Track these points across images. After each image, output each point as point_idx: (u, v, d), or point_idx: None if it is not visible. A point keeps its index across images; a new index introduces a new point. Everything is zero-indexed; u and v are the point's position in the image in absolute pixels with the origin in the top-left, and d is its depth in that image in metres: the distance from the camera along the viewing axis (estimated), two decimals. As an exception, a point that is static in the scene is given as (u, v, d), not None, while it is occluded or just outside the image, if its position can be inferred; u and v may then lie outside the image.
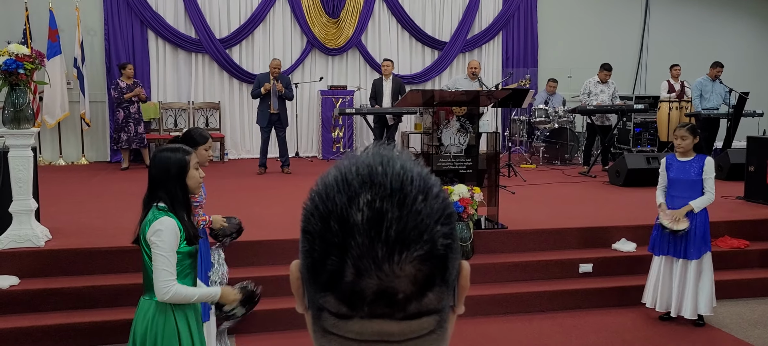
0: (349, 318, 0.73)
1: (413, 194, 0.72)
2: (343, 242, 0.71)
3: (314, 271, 0.74)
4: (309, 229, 0.74)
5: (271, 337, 5.09)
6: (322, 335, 0.76)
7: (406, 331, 0.74)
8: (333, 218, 0.72)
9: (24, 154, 5.34)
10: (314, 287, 0.75)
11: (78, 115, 11.03)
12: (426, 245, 0.72)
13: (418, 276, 0.72)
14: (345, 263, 0.71)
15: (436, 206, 0.73)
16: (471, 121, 6.43)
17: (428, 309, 0.74)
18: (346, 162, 0.77)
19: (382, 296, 0.71)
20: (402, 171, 0.74)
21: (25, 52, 5.15)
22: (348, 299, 0.72)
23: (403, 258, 0.70)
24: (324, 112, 11.97)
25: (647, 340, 5.11)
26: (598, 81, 10.70)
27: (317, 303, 0.75)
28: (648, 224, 6.51)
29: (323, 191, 0.75)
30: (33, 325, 4.83)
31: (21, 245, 5.33)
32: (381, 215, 0.70)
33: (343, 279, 0.71)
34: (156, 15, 11.48)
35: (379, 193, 0.72)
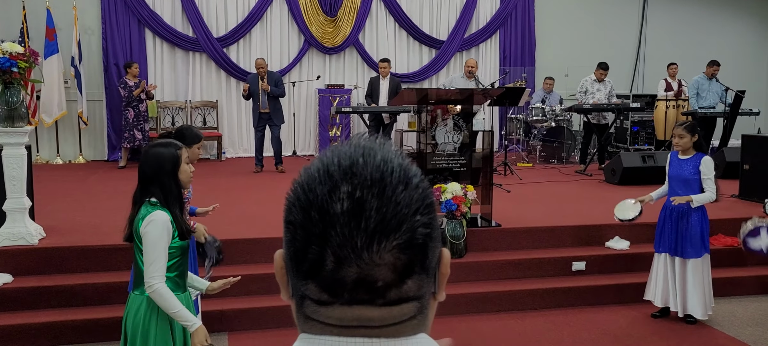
0: (329, 305, 0.75)
1: (393, 185, 0.74)
2: (323, 232, 0.73)
3: (296, 260, 0.77)
4: (291, 219, 0.77)
5: (264, 334, 5.10)
6: (305, 321, 0.79)
7: (387, 316, 0.76)
8: (314, 208, 0.74)
9: (18, 152, 5.36)
10: (296, 275, 0.77)
11: (75, 113, 11.05)
12: (405, 234, 0.74)
13: (397, 264, 0.74)
14: (325, 252, 0.73)
15: (415, 195, 0.76)
16: (465, 120, 6.44)
17: (408, 296, 0.76)
18: (328, 153, 0.79)
19: (361, 283, 0.73)
20: (382, 162, 0.76)
21: (19, 50, 5.16)
22: (329, 287, 0.74)
23: (383, 247, 0.73)
24: (321, 111, 11.98)
25: (639, 338, 5.13)
26: (595, 80, 10.72)
27: (299, 291, 0.78)
28: (642, 223, 6.51)
29: (305, 181, 0.77)
30: (26, 322, 4.84)
31: (15, 243, 5.35)
32: (361, 205, 0.73)
33: (324, 268, 0.74)
34: (153, 14, 11.49)
35: (359, 183, 0.73)
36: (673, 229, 5.19)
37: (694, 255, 5.15)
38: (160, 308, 3.06)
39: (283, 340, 5.00)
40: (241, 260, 5.63)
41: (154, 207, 3.03)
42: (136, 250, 3.07)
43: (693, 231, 5.13)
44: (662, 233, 5.29)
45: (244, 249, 5.68)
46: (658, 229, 5.34)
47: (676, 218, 5.19)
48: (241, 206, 7.24)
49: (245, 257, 5.66)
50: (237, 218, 6.58)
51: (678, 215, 5.19)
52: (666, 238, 5.24)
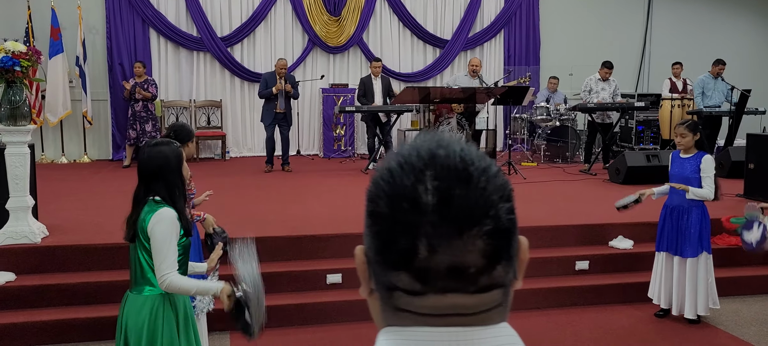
0: (422, 294, 0.77)
1: (477, 173, 0.76)
2: (413, 222, 0.74)
3: (384, 251, 0.77)
4: (377, 211, 0.78)
5: (266, 333, 5.07)
6: (393, 313, 0.80)
7: (479, 303, 0.78)
8: (401, 199, 0.75)
9: (21, 151, 5.37)
10: (384, 267, 0.78)
11: (80, 113, 11.07)
12: (493, 221, 0.76)
13: (487, 250, 0.76)
14: (417, 241, 0.74)
15: (498, 183, 0.78)
16: (469, 119, 6.43)
17: (497, 282, 0.78)
18: (406, 148, 0.81)
19: (454, 270, 0.75)
20: (462, 152, 0.78)
21: (22, 49, 5.18)
22: (422, 276, 0.76)
23: (474, 233, 0.74)
24: (325, 111, 11.97)
25: (642, 337, 5.11)
26: (599, 79, 10.69)
27: (388, 283, 0.79)
28: (646, 222, 6.52)
29: (388, 175, 0.78)
30: (29, 321, 4.86)
31: (17, 241, 5.36)
32: (449, 193, 0.74)
33: (416, 257, 0.75)
34: (158, 13, 11.51)
35: (444, 173, 0.76)
36: (673, 228, 5.18)
37: (692, 254, 5.12)
38: (166, 308, 3.07)
39: (285, 339, 5.00)
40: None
41: (160, 205, 3.04)
42: (140, 249, 3.06)
43: (692, 230, 5.11)
44: (662, 232, 5.28)
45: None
46: (659, 228, 5.33)
47: (676, 217, 5.18)
48: (246, 206, 7.24)
49: (248, 256, 5.65)
50: (240, 216, 6.58)
51: (678, 213, 5.17)
52: (666, 236, 5.23)
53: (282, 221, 6.44)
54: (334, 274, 5.54)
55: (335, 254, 5.82)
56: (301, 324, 5.23)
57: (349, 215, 6.68)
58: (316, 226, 6.19)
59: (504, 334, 0.80)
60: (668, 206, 5.26)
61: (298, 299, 5.34)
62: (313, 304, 5.30)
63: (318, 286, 5.52)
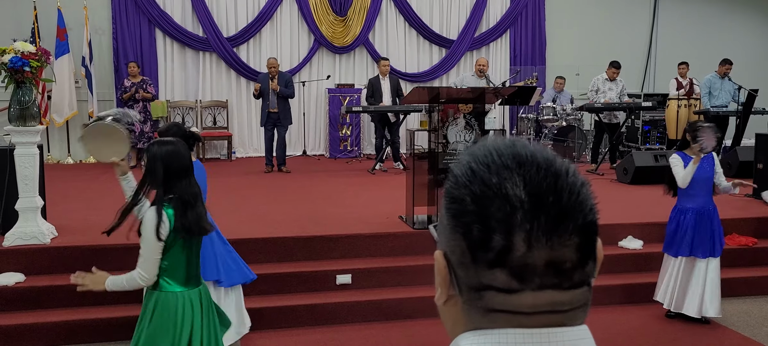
0: (519, 292, 0.76)
1: (563, 172, 0.78)
2: (508, 218, 0.74)
3: (476, 250, 0.76)
4: (464, 209, 0.77)
5: (276, 334, 5.09)
6: (483, 315, 0.79)
7: (573, 300, 0.78)
8: (492, 196, 0.75)
9: (30, 151, 5.37)
10: (476, 266, 0.77)
11: (86, 113, 11.08)
12: (584, 215, 0.77)
13: (581, 244, 0.77)
14: (513, 238, 0.74)
15: (580, 180, 0.79)
16: (477, 119, 6.41)
17: (587, 278, 0.80)
18: (480, 150, 0.80)
19: (551, 266, 0.75)
20: (541, 151, 0.79)
21: (31, 49, 5.17)
22: (518, 273, 0.75)
23: (570, 228, 0.75)
24: (331, 111, 11.97)
25: (653, 337, 5.09)
26: (607, 79, 10.66)
27: (479, 283, 0.78)
28: (655, 222, 6.50)
29: (470, 174, 0.78)
30: (39, 321, 4.85)
31: (27, 242, 5.35)
32: (541, 189, 0.75)
33: (514, 254, 0.74)
34: (164, 14, 11.51)
35: (532, 170, 0.76)
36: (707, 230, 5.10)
37: (719, 253, 5.13)
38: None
39: (296, 340, 4.99)
40: (253, 259, 5.61)
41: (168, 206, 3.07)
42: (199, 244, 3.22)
43: (719, 230, 5.11)
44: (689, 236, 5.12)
45: (254, 248, 5.67)
46: (683, 232, 5.15)
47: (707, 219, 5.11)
48: (252, 206, 7.24)
49: (257, 257, 5.64)
50: (247, 217, 6.57)
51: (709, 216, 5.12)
52: (694, 240, 5.11)
53: (290, 221, 6.43)
54: (343, 274, 5.53)
55: (345, 254, 5.81)
56: (311, 325, 5.22)
57: (357, 215, 6.67)
58: (325, 226, 6.17)
59: (586, 336, 0.80)
60: (696, 210, 5.13)
61: (308, 299, 5.32)
62: (323, 305, 5.28)
63: (328, 286, 5.51)
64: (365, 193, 8.18)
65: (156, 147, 3.13)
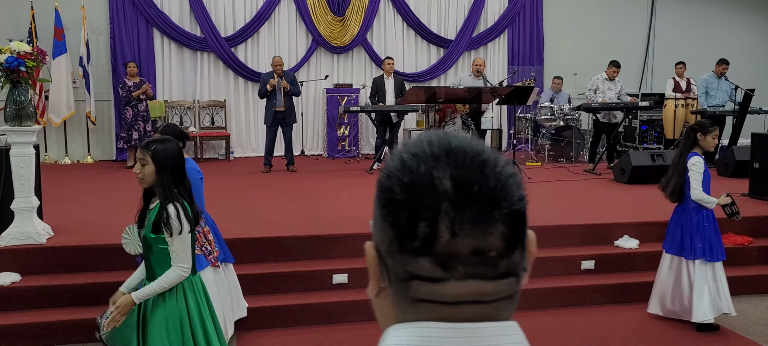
0: (444, 281, 0.76)
1: (491, 160, 0.77)
2: (434, 206, 0.74)
3: (402, 239, 0.76)
4: (393, 198, 0.77)
5: (272, 333, 5.09)
6: (410, 305, 0.79)
7: (498, 290, 0.77)
8: (420, 186, 0.75)
9: (26, 151, 5.36)
10: (403, 255, 0.77)
11: (84, 113, 11.09)
12: (510, 204, 0.76)
13: (507, 233, 0.76)
14: (438, 225, 0.74)
15: (509, 170, 0.78)
16: (474, 119, 6.43)
17: (514, 269, 0.78)
18: (413, 141, 0.80)
19: (476, 254, 0.75)
20: (470, 141, 0.79)
21: (27, 49, 5.17)
22: (443, 261, 0.75)
23: (495, 216, 0.75)
24: (329, 111, 11.98)
25: (648, 337, 5.09)
26: (606, 78, 10.66)
27: (406, 273, 0.78)
28: (651, 221, 6.52)
29: (400, 165, 0.78)
30: (35, 321, 4.85)
31: (23, 242, 5.35)
32: (467, 177, 0.75)
33: (438, 241, 0.74)
34: (161, 14, 11.52)
35: (460, 159, 0.76)
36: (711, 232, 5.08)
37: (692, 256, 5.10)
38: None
39: (293, 339, 4.99)
40: (250, 259, 5.63)
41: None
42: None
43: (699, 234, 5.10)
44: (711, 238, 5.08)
45: (252, 248, 5.68)
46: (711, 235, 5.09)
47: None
48: (250, 205, 7.24)
49: (254, 256, 5.66)
50: (245, 216, 6.58)
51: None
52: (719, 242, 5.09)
53: (287, 221, 6.44)
54: (340, 274, 5.53)
55: (341, 254, 5.81)
56: (307, 324, 5.22)
57: (354, 215, 6.68)
58: (321, 226, 6.18)
59: (513, 332, 0.79)
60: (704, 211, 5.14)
61: (305, 299, 5.33)
62: (320, 304, 5.29)
63: (324, 286, 5.51)
64: (363, 193, 8.18)
65: (162, 146, 3.22)
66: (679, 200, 5.19)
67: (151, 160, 3.18)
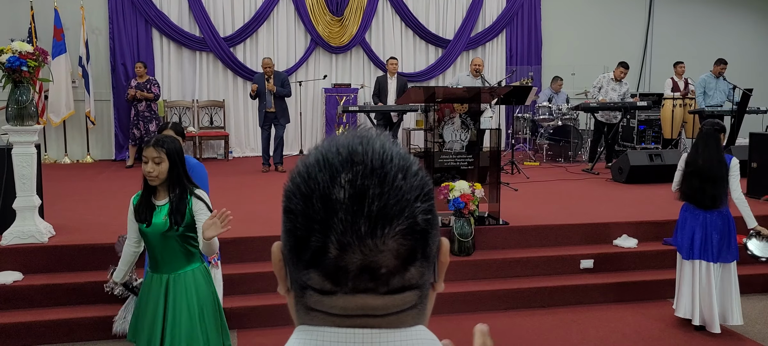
0: (332, 294, 0.75)
1: (393, 172, 0.74)
2: (326, 219, 0.72)
3: (297, 249, 0.76)
4: (291, 208, 0.76)
5: (272, 332, 5.11)
6: (306, 312, 0.78)
7: (390, 305, 0.75)
8: (315, 196, 0.73)
9: (27, 151, 5.39)
10: (297, 265, 0.77)
11: (83, 113, 11.10)
12: (407, 221, 0.74)
13: (400, 251, 0.74)
14: (328, 240, 0.72)
15: (415, 182, 0.76)
16: (473, 118, 6.45)
17: (410, 284, 0.76)
18: (326, 143, 0.79)
19: (365, 270, 0.73)
20: (381, 150, 0.75)
21: (29, 49, 5.19)
22: (332, 275, 0.74)
23: (386, 233, 0.72)
24: (328, 111, 12.00)
25: (649, 335, 5.12)
26: (613, 78, 10.66)
27: (300, 281, 0.77)
28: (649, 221, 6.54)
29: (304, 171, 0.76)
30: (37, 320, 4.87)
31: (25, 241, 5.37)
32: (363, 191, 0.72)
33: (327, 255, 0.73)
34: (160, 14, 11.53)
35: (360, 170, 0.73)
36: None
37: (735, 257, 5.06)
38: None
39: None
40: (249, 258, 5.65)
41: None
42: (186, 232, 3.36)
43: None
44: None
45: (251, 247, 5.70)
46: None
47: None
48: (248, 205, 7.26)
49: (253, 255, 5.68)
50: (244, 216, 6.59)
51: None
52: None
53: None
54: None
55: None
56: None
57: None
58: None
59: (417, 337, 0.78)
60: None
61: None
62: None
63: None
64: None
65: (171, 143, 3.35)
66: (725, 204, 5.04)
67: (166, 157, 3.26)
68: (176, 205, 3.31)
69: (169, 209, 3.31)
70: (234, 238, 5.59)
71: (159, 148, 3.28)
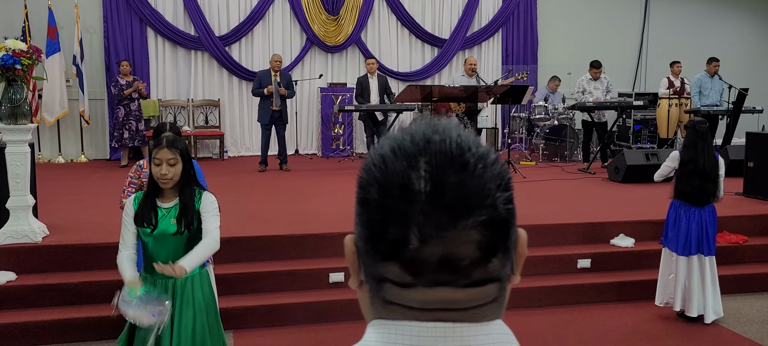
0: (412, 286, 0.73)
1: (473, 161, 0.72)
2: (405, 210, 0.71)
3: (374, 241, 0.74)
4: (368, 199, 0.74)
5: (270, 332, 5.08)
6: (383, 306, 0.76)
7: (471, 298, 0.74)
8: (393, 186, 0.72)
9: (21, 149, 5.35)
10: (374, 257, 0.75)
11: (77, 112, 11.04)
12: (489, 211, 0.72)
13: (482, 241, 0.72)
14: (409, 231, 0.71)
15: (495, 171, 0.74)
16: (470, 118, 6.43)
17: (492, 276, 0.74)
18: (399, 134, 0.76)
19: (446, 262, 0.71)
20: (458, 139, 0.74)
21: (22, 47, 5.15)
22: (411, 267, 0.72)
23: (468, 223, 0.70)
24: (323, 110, 11.96)
25: (646, 335, 5.11)
26: (591, 79, 10.77)
27: (377, 274, 0.76)
28: (646, 220, 6.53)
29: (380, 161, 0.74)
30: (30, 320, 4.83)
31: (18, 240, 5.33)
32: (443, 180, 0.70)
33: (407, 247, 0.71)
34: (155, 12, 11.48)
35: (438, 159, 0.71)
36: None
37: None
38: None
39: (289, 338, 4.99)
40: (246, 257, 5.62)
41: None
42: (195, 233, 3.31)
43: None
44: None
45: (248, 247, 5.67)
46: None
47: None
48: (245, 205, 7.22)
49: (250, 255, 5.65)
50: (240, 216, 6.56)
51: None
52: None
53: (283, 219, 6.43)
54: (336, 272, 5.53)
55: (338, 252, 5.80)
56: (304, 323, 5.21)
57: (350, 213, 6.64)
58: (318, 225, 6.17)
59: (496, 332, 0.76)
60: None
61: (301, 298, 5.32)
62: (317, 302, 5.28)
63: (321, 285, 5.51)
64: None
65: (182, 142, 3.31)
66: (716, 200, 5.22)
67: (180, 158, 3.17)
68: (188, 206, 3.22)
69: (178, 211, 3.20)
70: (230, 238, 5.55)
71: (173, 149, 3.18)
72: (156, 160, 3.20)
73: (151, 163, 3.22)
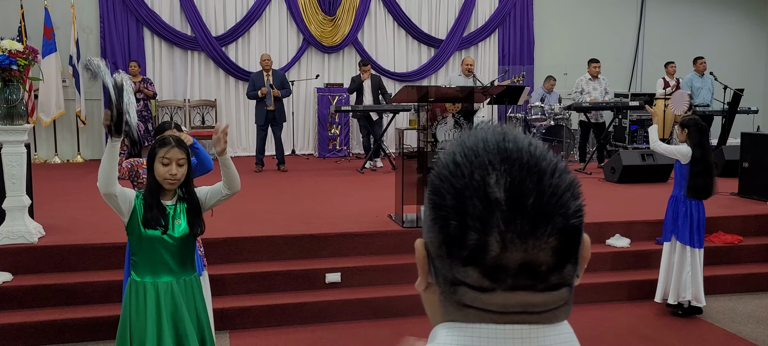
0: (491, 291, 0.75)
1: (549, 170, 0.74)
2: (485, 217, 0.72)
3: (451, 246, 0.75)
4: (443, 204, 0.75)
5: (265, 333, 5.09)
6: (457, 308, 0.78)
7: (548, 301, 0.76)
8: (471, 193, 0.73)
9: (17, 150, 5.34)
10: (450, 261, 0.76)
11: (73, 112, 11.03)
12: (564, 219, 0.74)
13: (559, 248, 0.74)
14: (489, 238, 0.72)
15: (567, 180, 0.76)
16: (466, 118, 6.43)
17: (566, 280, 0.77)
18: (469, 140, 0.78)
19: (525, 268, 0.73)
20: (530, 147, 0.76)
21: (18, 48, 5.15)
22: (491, 273, 0.74)
23: (547, 231, 0.72)
24: (320, 110, 11.96)
25: (643, 334, 5.12)
26: (590, 78, 10.77)
27: (452, 278, 0.77)
28: (642, 220, 6.55)
29: (454, 167, 0.76)
30: (26, 321, 4.82)
31: (14, 241, 5.32)
32: (521, 188, 0.72)
33: (488, 253, 0.73)
34: (152, 13, 11.47)
35: (515, 167, 0.73)
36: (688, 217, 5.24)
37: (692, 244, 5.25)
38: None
39: (285, 339, 4.99)
40: (242, 258, 5.62)
41: None
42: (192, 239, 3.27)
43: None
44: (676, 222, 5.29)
45: (243, 247, 5.67)
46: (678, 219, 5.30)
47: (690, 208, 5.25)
48: (241, 205, 7.22)
49: (246, 255, 5.65)
50: (236, 216, 6.56)
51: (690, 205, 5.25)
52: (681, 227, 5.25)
53: (280, 220, 6.43)
54: (333, 273, 5.53)
55: (334, 253, 5.81)
56: (300, 323, 5.22)
57: (347, 214, 6.68)
58: (314, 225, 6.17)
59: (566, 332, 0.79)
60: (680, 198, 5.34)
61: (297, 298, 5.32)
62: (313, 303, 5.28)
63: (317, 285, 5.51)
64: (354, 192, 8.19)
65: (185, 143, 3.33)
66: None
67: (186, 158, 3.16)
68: (192, 206, 3.20)
69: (186, 213, 3.18)
70: (226, 238, 5.57)
71: (182, 149, 3.14)
72: (164, 160, 3.11)
73: (157, 162, 3.12)
